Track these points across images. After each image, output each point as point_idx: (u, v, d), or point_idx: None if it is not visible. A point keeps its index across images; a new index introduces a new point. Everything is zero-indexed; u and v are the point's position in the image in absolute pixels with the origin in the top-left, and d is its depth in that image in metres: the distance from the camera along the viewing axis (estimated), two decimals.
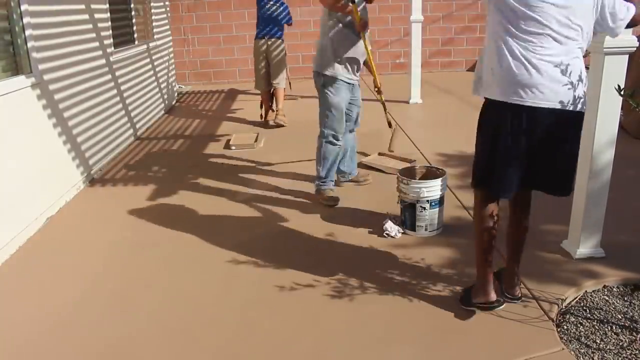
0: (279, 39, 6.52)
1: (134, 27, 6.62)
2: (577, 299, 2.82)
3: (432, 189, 3.43)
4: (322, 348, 2.48)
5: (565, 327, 2.59)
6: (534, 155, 2.41)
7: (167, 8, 8.57)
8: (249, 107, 7.83)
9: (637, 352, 2.38)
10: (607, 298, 2.80)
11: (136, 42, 6.64)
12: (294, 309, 2.79)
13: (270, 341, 2.55)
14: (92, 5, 5.16)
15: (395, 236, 3.49)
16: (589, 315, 2.67)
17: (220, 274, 3.17)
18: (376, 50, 9.98)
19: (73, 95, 4.62)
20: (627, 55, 2.81)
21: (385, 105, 4.50)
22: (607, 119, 2.90)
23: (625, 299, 2.79)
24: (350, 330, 2.59)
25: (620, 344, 2.45)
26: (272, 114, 6.76)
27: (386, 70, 10.12)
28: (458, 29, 10.04)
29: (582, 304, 2.77)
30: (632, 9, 2.34)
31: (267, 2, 6.40)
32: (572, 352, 2.39)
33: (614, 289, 2.88)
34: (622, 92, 2.48)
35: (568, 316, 2.66)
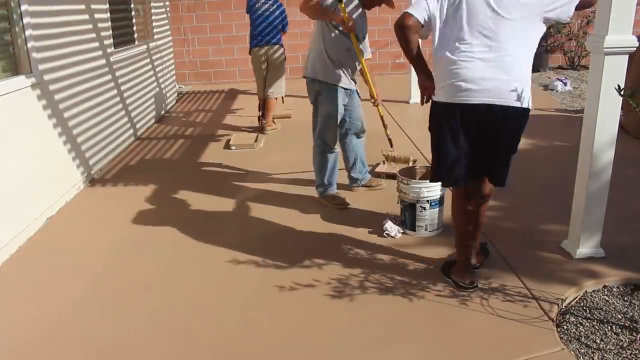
0: (277, 44, 6.11)
1: (134, 27, 6.62)
2: (577, 299, 2.82)
3: (432, 189, 3.43)
4: (322, 348, 2.48)
5: (565, 327, 2.59)
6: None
7: (167, 8, 8.57)
8: (249, 107, 7.83)
9: (637, 352, 2.38)
10: (607, 298, 2.80)
11: (136, 42, 6.64)
12: (294, 308, 2.79)
13: (270, 341, 2.55)
14: (92, 5, 5.16)
15: (395, 236, 3.49)
16: (589, 315, 2.67)
17: (220, 273, 3.17)
18: (376, 50, 9.97)
19: (73, 96, 4.62)
20: (627, 55, 2.80)
21: (384, 122, 4.26)
22: (607, 119, 2.89)
23: (625, 299, 2.79)
24: (351, 330, 2.59)
25: (620, 344, 2.45)
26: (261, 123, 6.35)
27: (386, 70, 10.12)
28: None
29: (582, 304, 2.77)
30: None
31: (260, 4, 5.97)
32: (572, 352, 2.39)
33: (614, 289, 2.88)
34: (622, 92, 2.49)
35: (568, 316, 2.66)
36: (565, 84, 8.06)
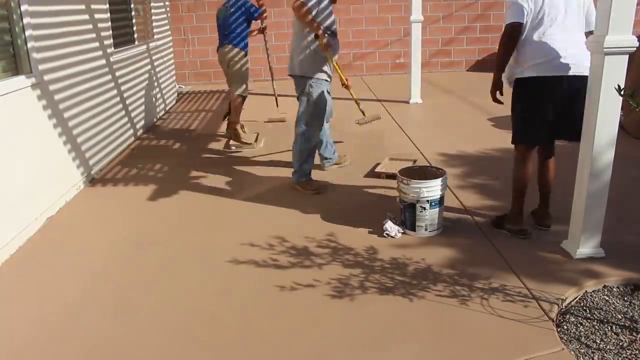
0: (229, 44, 5.53)
1: (134, 27, 6.62)
2: (577, 299, 2.82)
3: (432, 189, 3.43)
4: (323, 348, 2.49)
5: (565, 327, 2.59)
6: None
7: (167, 8, 8.58)
8: (249, 107, 7.82)
9: (637, 352, 2.38)
10: (607, 298, 2.80)
11: (136, 42, 6.64)
12: (294, 308, 2.79)
13: (271, 341, 2.55)
14: (92, 6, 5.16)
15: (395, 236, 3.49)
16: (589, 315, 2.67)
17: (220, 273, 3.17)
18: (376, 50, 10.00)
19: (73, 96, 4.62)
20: (627, 55, 2.80)
21: (355, 99, 4.65)
22: (607, 119, 2.89)
23: (625, 299, 2.79)
24: (351, 330, 2.59)
25: (620, 344, 2.45)
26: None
27: (386, 70, 10.13)
28: (458, 29, 10.04)
29: (582, 304, 2.77)
30: None
31: (219, 11, 5.58)
32: (572, 352, 2.39)
33: (614, 289, 2.88)
34: (622, 92, 2.49)
35: (568, 316, 2.67)
36: None
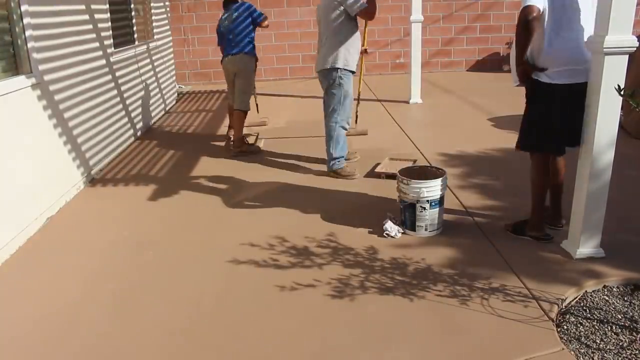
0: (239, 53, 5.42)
1: (134, 27, 6.62)
2: (577, 299, 2.82)
3: (432, 189, 3.43)
4: (323, 348, 2.49)
5: (565, 327, 2.59)
6: None
7: (167, 8, 8.58)
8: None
9: (637, 352, 2.38)
10: (607, 298, 2.80)
11: (136, 42, 6.64)
12: (295, 308, 2.79)
13: (271, 341, 2.55)
14: (92, 6, 5.16)
15: (395, 236, 3.49)
16: (589, 315, 2.67)
17: (221, 273, 3.17)
18: (376, 50, 9.99)
19: (73, 96, 4.63)
20: (627, 55, 2.80)
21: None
22: (607, 119, 2.89)
23: (625, 299, 2.79)
24: (351, 330, 2.59)
25: (620, 344, 2.45)
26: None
27: (386, 70, 10.13)
28: (458, 29, 10.04)
29: (582, 304, 2.77)
30: None
31: (222, 21, 5.44)
32: (572, 352, 2.39)
33: (614, 289, 2.88)
34: (622, 92, 2.49)
35: (568, 316, 2.67)
36: None
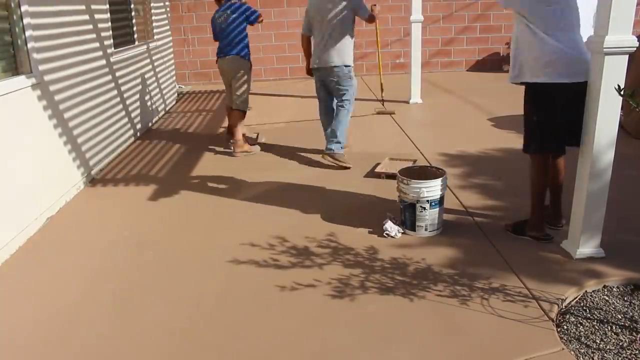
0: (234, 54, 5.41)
1: (134, 27, 6.62)
2: (577, 299, 2.82)
3: (432, 189, 3.43)
4: (323, 348, 2.49)
5: (565, 327, 2.59)
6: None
7: (167, 8, 8.58)
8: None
9: (637, 352, 2.38)
10: (607, 298, 2.80)
11: (136, 42, 6.64)
12: (295, 308, 2.79)
13: (271, 341, 2.55)
14: (92, 6, 5.16)
15: (395, 236, 3.49)
16: (589, 315, 2.67)
17: (221, 273, 3.17)
18: (376, 50, 9.98)
19: (73, 96, 4.63)
20: (627, 55, 2.80)
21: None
22: (607, 119, 2.89)
23: (625, 299, 2.79)
24: (351, 330, 2.59)
25: (620, 344, 2.45)
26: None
27: (386, 70, 10.11)
28: (458, 29, 10.04)
29: (582, 304, 2.77)
30: None
31: (218, 17, 5.44)
32: (572, 352, 2.39)
33: (614, 289, 2.88)
34: (622, 92, 2.49)
35: (568, 316, 2.67)
36: None
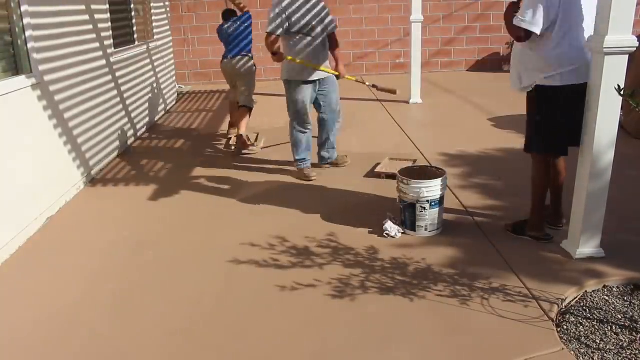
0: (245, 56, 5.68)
1: (134, 27, 6.62)
2: (577, 299, 2.82)
3: (432, 189, 3.43)
4: (323, 348, 2.49)
5: (565, 327, 2.59)
6: None
7: (167, 8, 8.58)
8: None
9: (637, 352, 2.38)
10: (607, 298, 2.80)
11: (136, 42, 6.64)
12: (295, 308, 2.79)
13: (271, 341, 2.55)
14: (92, 6, 5.16)
15: (395, 236, 3.49)
16: (589, 315, 2.67)
17: (221, 274, 3.17)
18: (376, 50, 10.00)
19: (73, 96, 4.62)
20: (627, 55, 2.80)
21: (359, 80, 5.11)
22: (607, 119, 2.89)
23: (625, 299, 2.79)
24: (352, 330, 2.59)
25: (620, 344, 2.45)
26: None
27: (386, 70, 10.13)
28: (458, 29, 10.04)
29: (582, 304, 2.77)
30: None
31: (228, 27, 5.65)
32: (572, 352, 2.39)
33: (614, 289, 2.88)
34: (622, 92, 2.49)
35: (568, 316, 2.67)
36: None
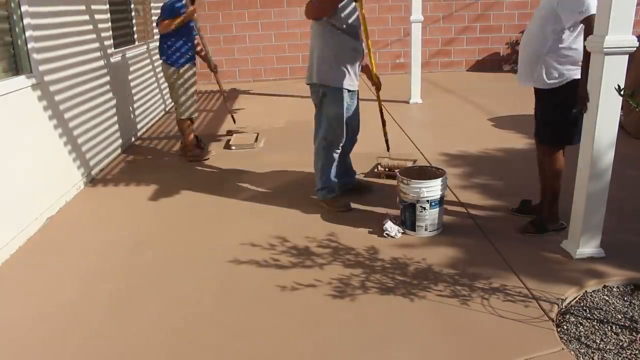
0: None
1: (134, 27, 6.62)
2: (577, 299, 2.82)
3: (432, 189, 3.43)
4: (323, 348, 2.49)
5: (565, 327, 2.59)
6: None
7: None
8: (249, 107, 7.85)
9: (637, 352, 2.38)
10: (607, 298, 2.80)
11: (136, 42, 6.64)
12: (295, 308, 2.79)
13: (271, 341, 2.55)
14: (92, 6, 5.17)
15: (395, 236, 3.49)
16: (589, 315, 2.67)
17: (221, 274, 3.17)
18: (376, 50, 9.99)
19: (73, 96, 4.63)
20: (627, 55, 2.80)
21: (381, 103, 4.35)
22: (607, 119, 2.89)
23: (625, 299, 2.79)
24: (352, 330, 2.59)
25: (620, 344, 2.45)
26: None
27: (386, 70, 10.13)
28: (458, 29, 10.04)
29: (582, 304, 2.77)
30: None
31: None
32: (572, 352, 2.39)
33: (614, 289, 2.88)
34: (622, 92, 2.49)
35: (568, 316, 2.67)
36: None
